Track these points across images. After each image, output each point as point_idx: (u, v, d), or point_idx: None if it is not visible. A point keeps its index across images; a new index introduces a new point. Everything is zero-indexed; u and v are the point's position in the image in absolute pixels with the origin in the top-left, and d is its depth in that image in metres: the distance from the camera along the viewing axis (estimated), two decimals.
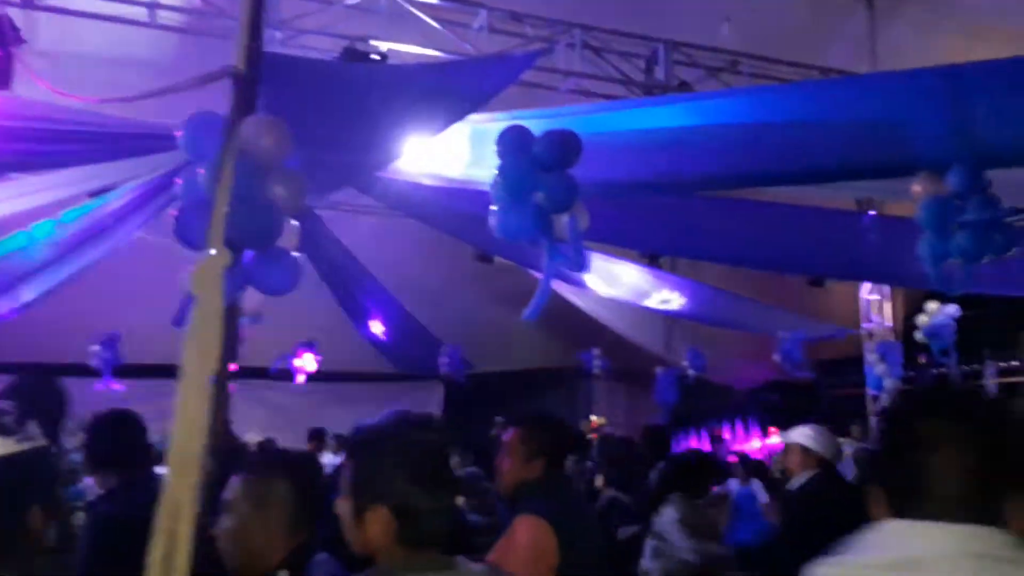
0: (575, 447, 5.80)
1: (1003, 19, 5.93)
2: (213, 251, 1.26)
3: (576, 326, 10.21)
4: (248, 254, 2.57)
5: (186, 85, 1.81)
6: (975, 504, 1.05)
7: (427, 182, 4.84)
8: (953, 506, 1.05)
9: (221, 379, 2.77)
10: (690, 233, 5.73)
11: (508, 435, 2.78)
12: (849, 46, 6.07)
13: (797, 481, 3.89)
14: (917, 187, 3.25)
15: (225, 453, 2.77)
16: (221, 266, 1.27)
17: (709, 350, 10.18)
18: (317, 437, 7.77)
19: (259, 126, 2.53)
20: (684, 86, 5.43)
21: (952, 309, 6.65)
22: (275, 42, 4.96)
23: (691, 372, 10.12)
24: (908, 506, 1.08)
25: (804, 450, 3.77)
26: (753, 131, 3.42)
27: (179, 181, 2.63)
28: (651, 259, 6.52)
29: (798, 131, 3.35)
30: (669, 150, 3.73)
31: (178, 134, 2.52)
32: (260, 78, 2.72)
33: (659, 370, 10.46)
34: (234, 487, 1.91)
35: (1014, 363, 9.91)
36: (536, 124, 3.41)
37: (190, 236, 2.29)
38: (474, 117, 3.88)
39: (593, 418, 13.55)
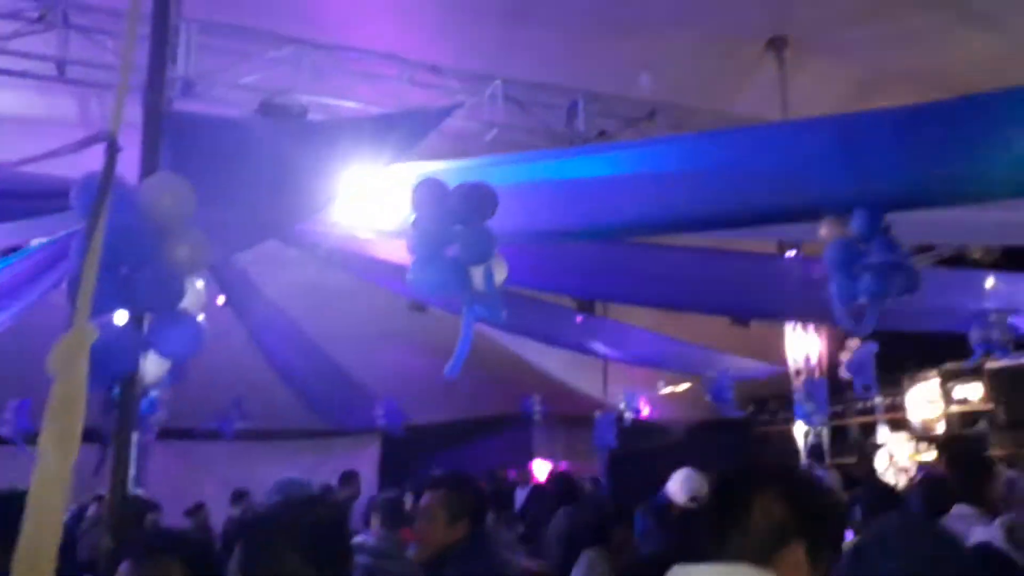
0: (497, 502, 5.69)
1: (905, 69, 6.26)
2: (77, 326, 1.18)
3: (515, 372, 10.15)
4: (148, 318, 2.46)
5: (66, 150, 1.73)
6: (746, 551, 1.38)
7: (363, 235, 4.76)
8: (732, 551, 1.39)
9: (120, 450, 2.62)
10: (618, 278, 5.80)
11: (427, 499, 2.67)
12: (762, 94, 6.30)
13: None
14: (823, 231, 3.36)
15: (125, 529, 2.60)
16: (86, 343, 1.18)
17: (645, 392, 10.26)
18: (240, 497, 7.44)
19: (159, 185, 2.45)
20: (603, 136, 5.56)
21: (873, 345, 6.88)
22: (191, 96, 4.87)
23: (628, 415, 10.18)
24: (703, 551, 1.41)
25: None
26: (666, 180, 3.50)
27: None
28: (581, 306, 6.55)
29: (709, 179, 3.44)
30: (588, 199, 3.77)
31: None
32: (161, 136, 2.65)
33: (597, 414, 10.49)
34: (123, 573, 1.79)
35: None
36: (461, 175, 3.40)
37: None
38: (407, 169, 3.85)
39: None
